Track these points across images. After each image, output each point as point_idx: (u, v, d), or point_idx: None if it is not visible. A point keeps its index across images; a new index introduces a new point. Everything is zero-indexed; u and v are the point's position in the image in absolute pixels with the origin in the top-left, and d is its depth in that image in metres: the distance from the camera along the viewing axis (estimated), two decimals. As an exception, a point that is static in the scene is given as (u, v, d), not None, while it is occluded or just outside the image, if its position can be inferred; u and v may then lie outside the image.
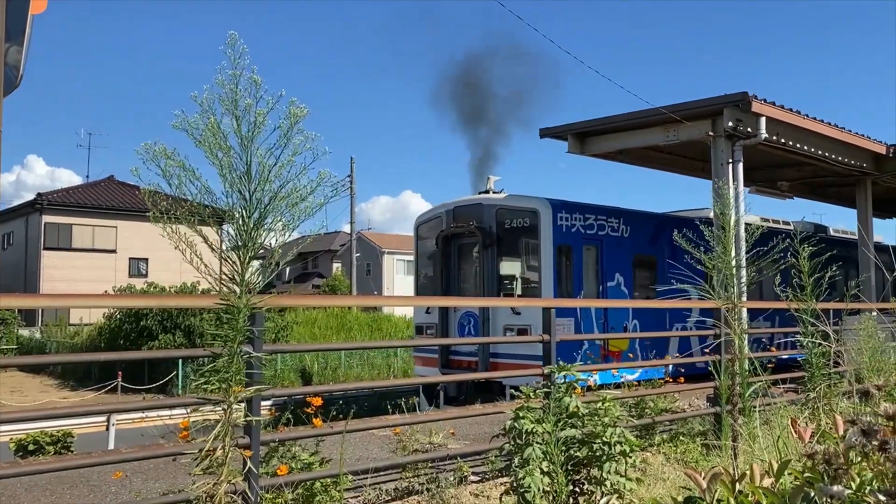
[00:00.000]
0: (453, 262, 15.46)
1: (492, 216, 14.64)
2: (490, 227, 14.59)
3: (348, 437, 8.01)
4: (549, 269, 13.98)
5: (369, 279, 56.77)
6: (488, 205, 14.75)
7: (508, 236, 14.69)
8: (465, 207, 15.18)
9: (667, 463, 6.87)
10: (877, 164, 16.48)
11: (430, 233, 15.96)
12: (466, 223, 14.78)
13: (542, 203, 14.16)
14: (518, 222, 14.41)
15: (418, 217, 16.69)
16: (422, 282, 16.62)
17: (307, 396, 5.52)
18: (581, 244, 14.37)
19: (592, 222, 14.65)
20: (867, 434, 1.81)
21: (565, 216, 14.16)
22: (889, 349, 5.53)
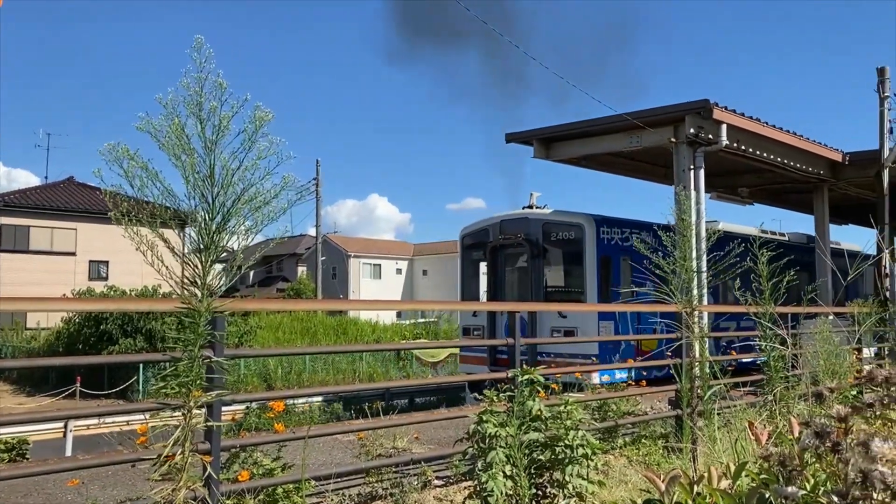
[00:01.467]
0: (500, 270, 16.59)
1: (538, 229, 15.72)
2: (537, 240, 15.66)
3: (312, 443, 7.95)
4: (592, 278, 15.08)
5: (335, 283, 56.46)
6: (535, 219, 15.88)
7: (554, 248, 15.72)
8: (512, 221, 16.33)
9: (629, 465, 6.93)
10: (833, 172, 16.88)
11: (474, 242, 17.24)
12: (514, 235, 15.86)
13: (587, 218, 15.22)
14: (563, 235, 15.40)
15: (464, 228, 17.84)
16: (466, 288, 17.98)
17: (269, 401, 5.47)
18: (619, 255, 15.39)
19: (627, 235, 15.44)
20: (820, 436, 1.85)
21: (606, 230, 15.29)
22: (843, 352, 5.66)
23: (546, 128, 15.27)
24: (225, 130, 3.16)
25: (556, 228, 15.45)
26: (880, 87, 15.95)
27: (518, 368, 5.68)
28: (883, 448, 1.64)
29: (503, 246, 16.27)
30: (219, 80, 3.11)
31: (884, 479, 1.57)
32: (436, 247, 63.08)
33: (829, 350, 5.03)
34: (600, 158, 16.16)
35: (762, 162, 14.76)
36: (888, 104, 15.92)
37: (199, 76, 3.08)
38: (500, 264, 16.57)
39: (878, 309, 10.05)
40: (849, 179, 17.27)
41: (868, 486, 1.61)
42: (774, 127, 14.09)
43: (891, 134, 15.91)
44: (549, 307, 14.61)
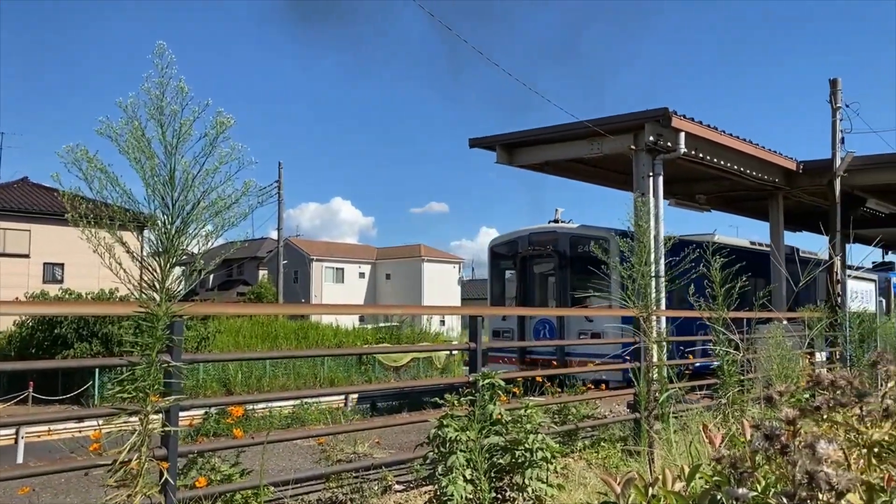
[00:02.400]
0: (529, 278, 17.93)
1: (566, 242, 16.89)
2: (565, 251, 16.91)
3: (272, 448, 7.88)
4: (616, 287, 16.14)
5: (297, 287, 55.98)
6: (563, 233, 17.16)
7: (581, 259, 16.45)
8: (541, 234, 17.58)
9: (588, 468, 7.00)
10: (788, 180, 17.28)
11: (503, 253, 18.59)
12: (543, 247, 17.03)
13: (610, 232, 16.07)
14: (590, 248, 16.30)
15: (493, 240, 19.31)
16: (494, 293, 19.38)
17: (228, 407, 5.41)
18: None
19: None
20: (769, 438, 1.89)
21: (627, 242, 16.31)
22: (796, 356, 5.80)
23: (509, 133, 15.38)
24: (186, 135, 3.14)
25: (584, 241, 16.22)
26: (832, 98, 16.38)
27: (479, 372, 5.71)
28: (828, 450, 1.69)
29: (532, 256, 17.52)
30: (180, 85, 3.09)
31: (828, 479, 1.62)
32: (400, 251, 62.99)
33: (781, 354, 5.16)
34: (562, 164, 16.33)
35: (719, 169, 15.05)
36: (840, 115, 16.36)
37: (161, 81, 3.07)
38: (528, 273, 17.94)
39: (829, 314, 10.32)
40: (803, 188, 17.69)
41: (814, 486, 1.66)
42: (731, 135, 14.38)
43: (842, 144, 16.34)
44: (506, 311, 14.99)
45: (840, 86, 16.47)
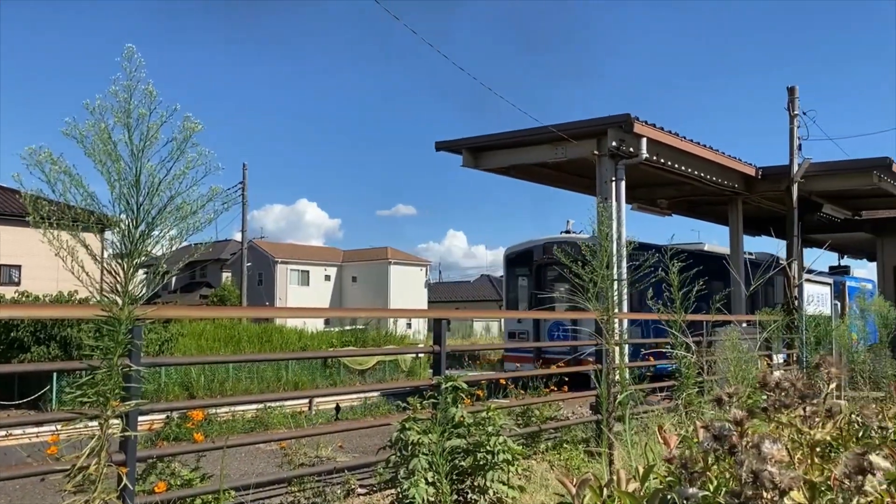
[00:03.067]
0: (543, 284, 18.88)
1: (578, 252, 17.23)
2: None
3: (234, 453, 7.82)
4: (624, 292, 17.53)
5: (261, 289, 55.44)
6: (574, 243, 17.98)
7: None
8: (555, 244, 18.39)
9: (551, 470, 7.07)
10: (747, 185, 17.63)
11: (518, 261, 19.79)
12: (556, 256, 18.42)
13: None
14: None
15: (508, 248, 20.57)
16: (509, 298, 20.80)
17: (189, 410, 5.36)
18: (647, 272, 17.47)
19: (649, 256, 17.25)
20: (718, 439, 1.95)
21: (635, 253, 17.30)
22: (752, 358, 5.93)
23: (475, 137, 15.46)
24: (153, 139, 3.13)
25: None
26: (790, 106, 16.76)
27: (442, 375, 5.74)
28: (772, 450, 1.75)
29: (546, 264, 18.35)
30: (149, 89, 3.07)
31: (772, 478, 1.68)
32: (366, 253, 62.77)
33: (737, 356, 5.27)
34: (527, 168, 16.46)
35: (680, 175, 15.31)
36: (797, 122, 16.75)
37: (129, 84, 3.05)
38: (542, 279, 18.97)
39: (785, 316, 10.56)
40: (762, 193, 18.07)
41: (759, 485, 1.72)
42: (692, 141, 14.63)
43: (800, 150, 16.74)
44: (469, 314, 15.07)
45: (797, 94, 16.87)
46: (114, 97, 3.08)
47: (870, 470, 1.71)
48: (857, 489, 1.73)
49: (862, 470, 1.72)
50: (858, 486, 1.74)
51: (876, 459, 1.72)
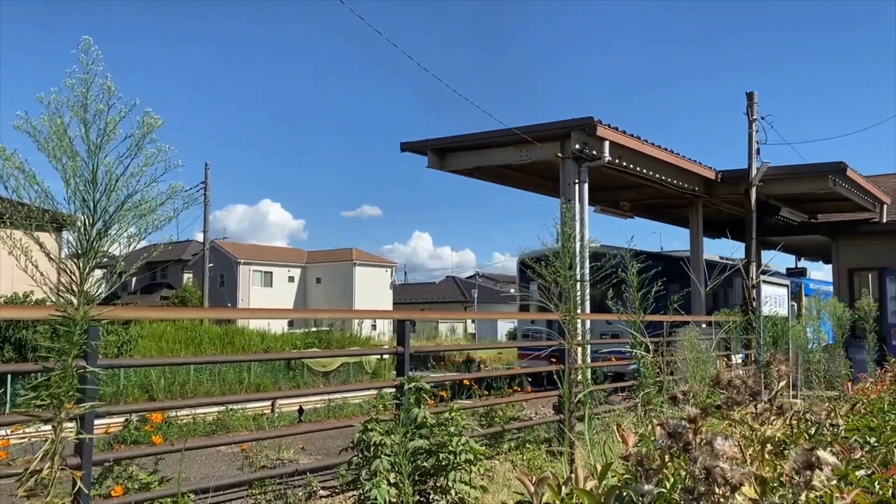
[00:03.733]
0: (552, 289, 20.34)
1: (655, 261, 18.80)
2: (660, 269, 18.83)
3: (195, 455, 7.72)
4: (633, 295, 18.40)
5: (223, 291, 54.78)
6: None
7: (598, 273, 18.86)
8: None
9: (513, 470, 7.11)
10: (707, 188, 17.93)
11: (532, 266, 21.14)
12: None
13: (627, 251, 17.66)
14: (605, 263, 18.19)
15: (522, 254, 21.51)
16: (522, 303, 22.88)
17: (147, 413, 5.28)
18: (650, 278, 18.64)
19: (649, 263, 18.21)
20: (673, 436, 1.98)
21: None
22: (711, 358, 6.04)
23: (440, 138, 15.49)
24: (111, 134, 3.06)
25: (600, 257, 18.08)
26: (749, 111, 17.10)
27: (405, 376, 5.74)
28: (724, 446, 1.78)
29: None
30: (107, 83, 3.01)
31: (724, 474, 1.72)
32: (331, 254, 62.42)
33: (695, 356, 5.36)
34: (492, 170, 16.53)
35: (642, 177, 15.51)
36: (756, 126, 17.09)
37: (85, 77, 2.98)
38: None
39: (743, 317, 10.76)
40: (721, 196, 18.39)
41: (711, 481, 1.75)
42: (653, 145, 14.83)
43: (758, 154, 17.08)
44: (429, 316, 15.10)
45: (756, 98, 17.22)
46: (70, 91, 3.01)
47: (818, 465, 1.76)
48: (805, 484, 1.78)
49: (810, 465, 1.76)
50: (807, 481, 1.78)
51: (824, 455, 1.76)
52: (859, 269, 19.86)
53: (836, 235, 20.38)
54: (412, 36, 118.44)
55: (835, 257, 20.51)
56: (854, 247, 19.96)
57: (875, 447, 2.83)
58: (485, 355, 30.94)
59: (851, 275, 19.98)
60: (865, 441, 2.94)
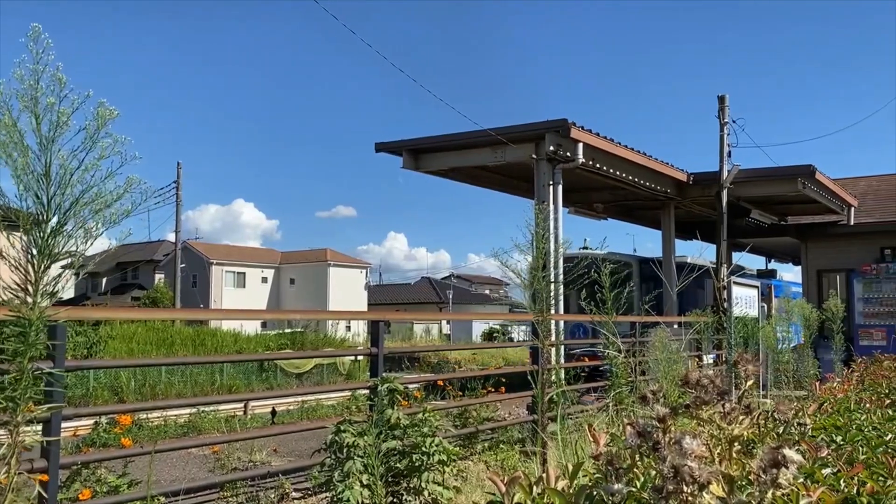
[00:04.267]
0: None
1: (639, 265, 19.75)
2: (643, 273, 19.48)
3: (165, 458, 7.63)
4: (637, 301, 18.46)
5: (195, 291, 54.21)
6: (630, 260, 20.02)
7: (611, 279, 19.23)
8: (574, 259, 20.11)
9: (487, 471, 7.12)
10: (679, 191, 18.11)
11: None
12: None
13: (634, 258, 19.75)
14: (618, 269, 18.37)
15: None
16: None
17: (117, 415, 5.20)
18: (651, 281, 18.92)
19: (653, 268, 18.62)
20: (643, 435, 1.99)
21: (644, 266, 19.05)
22: (682, 358, 6.10)
23: (415, 139, 15.47)
24: (64, 127, 2.96)
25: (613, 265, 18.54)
26: (720, 114, 17.31)
27: (379, 377, 5.71)
28: (693, 445, 1.79)
29: None
30: (58, 75, 2.92)
31: (692, 473, 1.73)
32: (305, 255, 62.04)
33: (667, 357, 5.41)
34: (467, 171, 16.54)
35: (615, 179, 15.62)
36: (727, 130, 17.30)
37: (35, 68, 2.89)
38: None
39: (714, 318, 10.88)
40: (693, 198, 18.58)
41: (679, 480, 1.77)
42: (626, 147, 14.95)
43: (729, 157, 17.29)
44: (397, 316, 15.02)
45: (727, 102, 17.43)
46: (19, 82, 2.90)
47: (784, 464, 1.77)
48: (772, 482, 1.80)
49: (777, 464, 1.78)
50: (773, 479, 1.80)
51: (790, 453, 1.78)
52: (828, 271, 20.19)
53: (805, 237, 20.69)
54: (388, 36, 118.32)
55: (804, 259, 20.83)
56: (822, 248, 20.29)
57: (841, 446, 2.87)
58: (459, 356, 30.94)
59: (820, 276, 20.30)
60: (832, 440, 2.98)
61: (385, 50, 59.04)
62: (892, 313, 18.44)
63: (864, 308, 18.73)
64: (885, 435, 3.11)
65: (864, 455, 2.63)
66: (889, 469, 2.30)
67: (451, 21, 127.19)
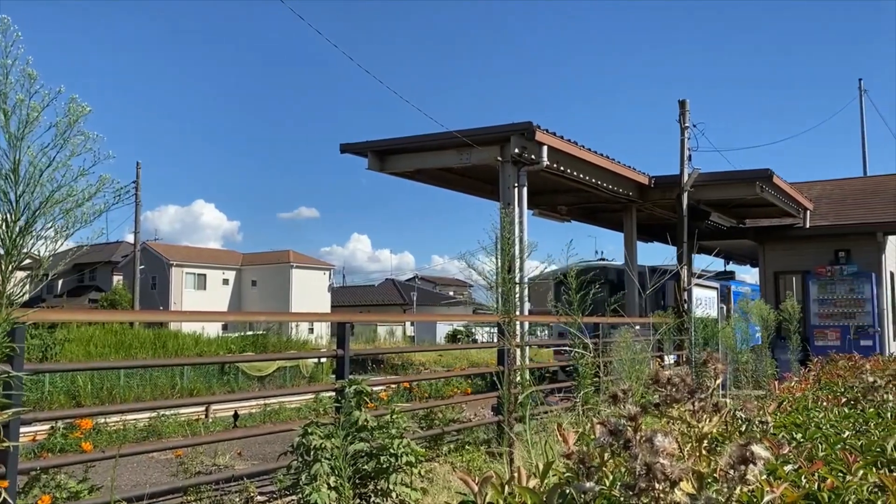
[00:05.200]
0: None
1: (613, 273, 21.03)
2: (613, 280, 20.46)
3: (126, 463, 7.49)
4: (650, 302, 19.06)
5: (155, 293, 53.32)
6: (611, 267, 21.76)
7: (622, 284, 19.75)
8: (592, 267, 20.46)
9: (453, 471, 7.13)
10: (641, 193, 18.36)
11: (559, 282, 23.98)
12: None
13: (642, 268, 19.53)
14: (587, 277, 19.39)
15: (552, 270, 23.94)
16: None
17: (77, 420, 5.10)
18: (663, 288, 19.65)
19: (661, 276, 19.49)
20: (614, 434, 2.02)
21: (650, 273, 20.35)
22: (646, 358, 6.19)
23: (381, 140, 15.43)
24: (34, 124, 2.90)
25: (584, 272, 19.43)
26: (681, 118, 17.59)
27: (346, 379, 5.70)
28: (664, 443, 1.83)
29: None
30: (28, 70, 2.85)
31: (663, 470, 1.76)
32: (267, 256, 61.44)
33: (630, 357, 5.49)
34: (433, 173, 16.56)
35: (579, 182, 15.77)
36: (688, 134, 17.59)
37: (4, 62, 2.82)
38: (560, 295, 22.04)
39: (676, 319, 11.05)
40: (654, 201, 18.85)
41: (652, 477, 1.80)
42: (589, 150, 15.11)
43: (689, 161, 17.58)
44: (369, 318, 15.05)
45: (688, 107, 17.73)
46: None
47: (752, 460, 1.82)
48: (740, 478, 1.84)
49: (745, 460, 1.82)
50: (741, 475, 1.84)
51: (758, 450, 1.82)
52: (784, 273, 20.65)
53: (763, 240, 21.12)
54: (353, 38, 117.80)
55: (762, 261, 21.25)
56: (779, 251, 20.74)
57: (801, 443, 2.94)
58: (424, 358, 30.93)
59: (777, 278, 20.75)
60: (792, 437, 3.05)
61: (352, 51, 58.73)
62: (845, 314, 18.94)
63: (820, 309, 19.20)
64: (843, 432, 3.20)
65: (823, 452, 2.70)
66: (847, 465, 2.37)
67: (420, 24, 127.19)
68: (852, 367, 6.80)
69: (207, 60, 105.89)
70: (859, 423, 3.45)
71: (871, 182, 23.78)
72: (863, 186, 23.11)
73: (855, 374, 5.66)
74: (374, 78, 27.59)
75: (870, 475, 2.35)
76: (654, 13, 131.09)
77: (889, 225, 19.40)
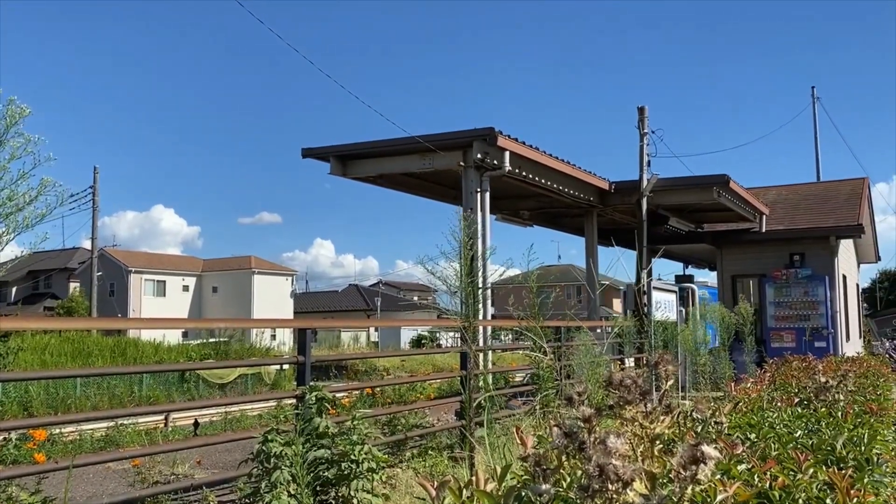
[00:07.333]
0: None
1: None
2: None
3: (82, 473, 7.34)
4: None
5: (113, 300, 52.31)
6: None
7: None
8: None
9: (416, 477, 7.12)
10: (601, 199, 18.57)
11: None
12: None
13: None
14: None
15: None
16: None
17: (30, 430, 4.98)
18: None
19: None
20: (569, 436, 2.05)
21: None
22: (605, 362, 6.26)
23: (343, 145, 15.36)
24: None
25: None
26: (640, 125, 17.86)
27: (307, 386, 5.66)
28: (617, 444, 1.86)
29: None
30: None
31: (616, 471, 1.79)
32: (228, 262, 60.70)
33: (590, 360, 5.55)
34: (395, 178, 16.54)
35: (541, 187, 15.90)
36: (647, 140, 17.86)
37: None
38: None
39: (636, 323, 11.20)
40: (615, 206, 19.08)
41: (605, 478, 1.82)
42: (551, 156, 15.24)
43: (649, 166, 17.85)
44: (331, 324, 14.83)
45: (647, 113, 18.00)
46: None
47: (702, 460, 1.85)
48: (691, 478, 1.87)
49: (695, 460, 1.86)
50: (693, 475, 1.88)
51: (707, 450, 1.86)
52: (741, 276, 21.07)
53: (720, 244, 21.52)
54: (316, 40, 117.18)
55: (719, 265, 21.65)
56: (737, 255, 21.15)
57: (755, 443, 3.01)
58: (388, 363, 30.83)
59: (734, 281, 21.15)
60: (746, 437, 3.11)
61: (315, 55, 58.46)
62: (801, 316, 19.39)
63: (776, 311, 19.63)
64: (795, 432, 3.28)
65: (776, 451, 2.76)
66: (798, 464, 2.44)
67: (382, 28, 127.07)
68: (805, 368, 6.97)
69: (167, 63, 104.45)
70: (811, 423, 3.53)
71: (823, 187, 24.41)
72: (816, 191, 23.71)
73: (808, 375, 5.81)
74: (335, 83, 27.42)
75: (819, 473, 2.41)
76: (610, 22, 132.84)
77: (841, 229, 19.93)
